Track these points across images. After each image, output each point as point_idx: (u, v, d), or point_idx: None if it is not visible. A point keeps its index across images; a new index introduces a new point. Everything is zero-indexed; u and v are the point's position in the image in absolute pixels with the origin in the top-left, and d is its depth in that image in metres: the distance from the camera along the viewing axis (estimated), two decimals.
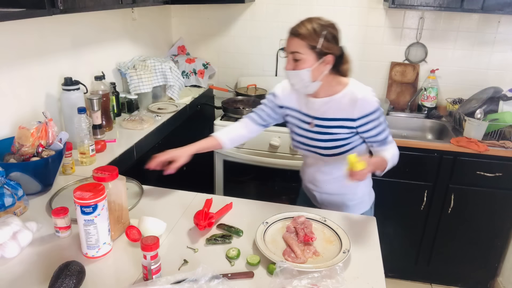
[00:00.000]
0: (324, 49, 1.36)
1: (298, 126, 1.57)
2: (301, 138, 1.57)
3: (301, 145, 1.58)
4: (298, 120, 1.56)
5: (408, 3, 2.34)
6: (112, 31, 2.32)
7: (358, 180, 1.28)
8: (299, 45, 1.36)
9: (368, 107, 1.42)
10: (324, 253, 1.18)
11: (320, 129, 1.50)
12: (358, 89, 1.45)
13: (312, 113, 1.51)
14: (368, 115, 1.42)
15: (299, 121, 1.56)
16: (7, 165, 1.36)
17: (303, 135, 1.55)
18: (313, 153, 1.56)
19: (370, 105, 1.42)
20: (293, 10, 2.77)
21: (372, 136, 1.46)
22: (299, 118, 1.55)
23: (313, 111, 1.51)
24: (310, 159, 1.63)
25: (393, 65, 2.75)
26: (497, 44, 2.57)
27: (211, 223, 1.29)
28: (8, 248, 1.12)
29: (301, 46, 1.36)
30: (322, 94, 1.47)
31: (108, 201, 1.13)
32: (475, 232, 2.36)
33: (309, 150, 1.56)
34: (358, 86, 1.46)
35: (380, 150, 1.49)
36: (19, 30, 1.65)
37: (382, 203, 2.40)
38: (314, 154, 1.56)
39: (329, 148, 1.50)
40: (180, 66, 2.87)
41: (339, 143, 1.49)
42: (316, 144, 1.52)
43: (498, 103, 2.37)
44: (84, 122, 1.63)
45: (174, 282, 1.00)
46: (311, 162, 1.63)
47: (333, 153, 1.50)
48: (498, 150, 2.16)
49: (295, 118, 1.57)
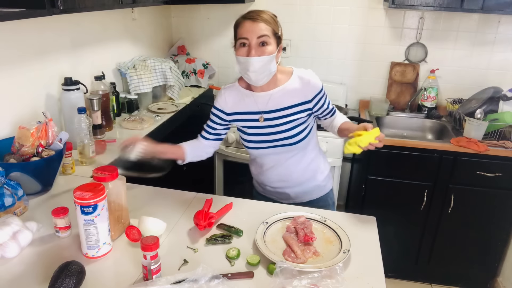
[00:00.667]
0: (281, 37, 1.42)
1: (248, 126, 1.52)
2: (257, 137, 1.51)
3: (259, 143, 1.52)
4: (246, 121, 1.52)
5: (408, 3, 2.34)
6: (112, 31, 2.32)
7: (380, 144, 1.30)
8: (266, 29, 1.36)
9: (318, 85, 1.48)
10: (324, 253, 1.18)
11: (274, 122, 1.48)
12: (303, 73, 1.49)
13: (261, 109, 1.49)
14: (319, 93, 1.48)
15: (247, 121, 1.52)
16: (7, 165, 1.36)
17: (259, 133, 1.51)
18: (278, 148, 1.51)
19: (318, 83, 1.49)
20: (293, 10, 2.77)
21: (325, 110, 1.53)
22: (247, 119, 1.52)
23: (261, 106, 1.49)
24: (273, 158, 1.56)
25: (393, 65, 2.75)
26: (497, 44, 2.57)
27: (211, 223, 1.29)
28: (8, 248, 1.12)
29: (268, 31, 1.37)
30: (271, 85, 1.47)
31: (108, 201, 1.13)
32: (475, 232, 2.36)
33: (272, 146, 1.51)
34: (301, 70, 1.50)
35: (333, 119, 1.57)
36: (19, 30, 1.65)
37: (382, 203, 2.41)
38: (280, 149, 1.51)
39: (295, 135, 1.49)
40: (180, 66, 2.87)
41: (302, 127, 1.50)
42: (278, 137, 1.49)
43: (498, 103, 2.37)
44: (84, 122, 1.63)
45: (174, 282, 1.00)
46: (275, 160, 1.56)
47: (299, 139, 1.50)
48: (498, 150, 2.16)
49: (242, 121, 1.53)
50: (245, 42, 1.38)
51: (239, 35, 1.41)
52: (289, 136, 1.49)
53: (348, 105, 2.89)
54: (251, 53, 1.37)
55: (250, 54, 1.37)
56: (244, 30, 1.38)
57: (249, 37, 1.37)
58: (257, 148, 1.53)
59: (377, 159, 2.31)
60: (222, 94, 1.56)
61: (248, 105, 1.51)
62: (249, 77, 1.41)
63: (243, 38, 1.38)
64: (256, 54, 1.37)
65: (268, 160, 1.58)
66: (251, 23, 1.37)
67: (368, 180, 2.37)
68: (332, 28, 2.76)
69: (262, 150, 1.54)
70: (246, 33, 1.37)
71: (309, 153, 1.58)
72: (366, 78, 2.84)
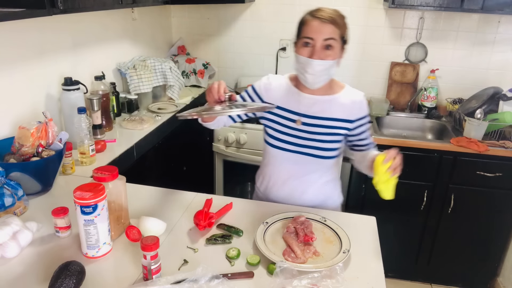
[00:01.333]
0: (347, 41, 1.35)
1: (283, 125, 1.45)
2: (289, 137, 1.44)
3: (288, 145, 1.45)
4: (282, 118, 1.45)
5: (408, 3, 2.34)
6: (112, 31, 2.32)
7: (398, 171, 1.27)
8: (334, 32, 1.29)
9: (364, 110, 1.44)
10: (324, 253, 1.18)
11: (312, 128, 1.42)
12: (355, 92, 1.45)
13: (302, 111, 1.43)
14: (362, 118, 1.44)
15: (283, 119, 1.45)
16: (7, 165, 1.36)
17: (292, 134, 1.44)
18: (305, 156, 1.44)
19: (366, 109, 1.45)
20: (293, 10, 2.77)
21: (362, 139, 1.47)
22: (284, 116, 1.45)
23: (303, 108, 1.43)
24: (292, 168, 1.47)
25: (393, 65, 2.75)
26: (497, 44, 2.57)
27: (211, 223, 1.29)
28: (8, 248, 1.12)
29: (336, 34, 1.30)
30: (321, 91, 1.41)
31: (108, 201, 1.13)
32: (475, 232, 2.36)
33: (301, 152, 1.44)
34: (354, 89, 1.46)
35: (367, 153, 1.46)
36: (19, 30, 1.65)
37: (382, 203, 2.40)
38: (306, 158, 1.44)
39: (328, 149, 1.43)
40: (180, 66, 2.87)
41: (336, 145, 1.44)
42: (310, 144, 1.42)
43: (498, 103, 2.37)
44: (84, 122, 1.63)
45: (174, 282, 1.00)
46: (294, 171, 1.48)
47: (330, 155, 1.44)
48: (498, 150, 2.16)
49: (279, 116, 1.46)
50: (309, 42, 1.31)
51: (303, 33, 1.33)
52: (322, 147, 1.42)
53: None
54: (314, 55, 1.30)
55: (312, 56, 1.30)
56: (310, 30, 1.30)
57: (314, 37, 1.30)
58: (282, 149, 1.45)
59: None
60: (269, 80, 1.48)
61: (290, 102, 1.44)
62: (306, 78, 1.35)
63: (308, 37, 1.31)
64: (319, 57, 1.30)
65: (286, 169, 1.48)
66: (319, 23, 1.29)
67: (368, 180, 2.35)
68: None
69: (286, 153, 1.45)
70: (312, 33, 1.30)
71: (329, 175, 1.51)
72: (366, 78, 2.84)
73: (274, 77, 1.50)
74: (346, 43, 1.37)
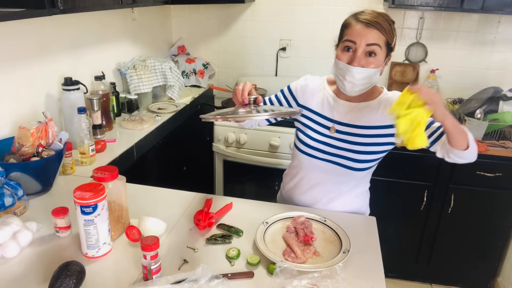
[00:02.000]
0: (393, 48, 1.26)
1: (316, 131, 1.38)
2: (321, 145, 1.36)
3: (319, 153, 1.37)
4: (316, 123, 1.38)
5: (408, 3, 2.34)
6: (112, 31, 2.32)
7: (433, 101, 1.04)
8: (379, 38, 1.20)
9: None
10: (324, 253, 1.18)
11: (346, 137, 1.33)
12: (391, 94, 1.34)
13: (337, 118, 1.35)
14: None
15: (317, 124, 1.38)
16: (7, 165, 1.36)
17: (324, 142, 1.36)
18: (335, 166, 1.36)
19: None
20: (293, 10, 2.77)
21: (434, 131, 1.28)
22: (318, 122, 1.37)
23: (340, 116, 1.34)
24: (320, 176, 1.40)
25: (393, 65, 2.75)
26: (497, 44, 2.57)
27: (211, 223, 1.29)
28: (8, 248, 1.12)
29: (381, 40, 1.20)
30: (359, 98, 1.32)
31: (108, 201, 1.13)
32: (475, 232, 2.36)
33: (331, 161, 1.36)
34: (391, 92, 1.35)
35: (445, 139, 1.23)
36: (19, 30, 1.65)
37: (382, 203, 2.40)
38: (336, 168, 1.36)
39: (362, 161, 1.32)
40: (180, 66, 2.87)
41: (374, 156, 1.33)
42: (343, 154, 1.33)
43: (498, 103, 2.37)
44: (84, 122, 1.63)
45: (174, 282, 1.00)
46: (322, 179, 1.41)
47: (364, 167, 1.34)
48: (498, 150, 2.16)
49: (313, 122, 1.38)
50: (351, 47, 1.22)
51: (345, 36, 1.23)
52: (355, 159, 1.33)
53: None
54: (354, 61, 1.21)
55: (353, 63, 1.21)
56: (352, 33, 1.21)
57: (357, 42, 1.20)
58: (313, 156, 1.38)
59: None
60: (306, 82, 1.40)
61: (324, 107, 1.37)
62: (344, 85, 1.26)
63: (350, 41, 1.21)
64: (360, 64, 1.20)
65: (315, 176, 1.41)
66: (364, 28, 1.20)
67: None
68: (332, 28, 2.76)
69: (316, 161, 1.38)
70: (355, 37, 1.20)
71: (360, 187, 1.44)
72: None
73: (311, 79, 1.42)
74: (392, 50, 1.27)
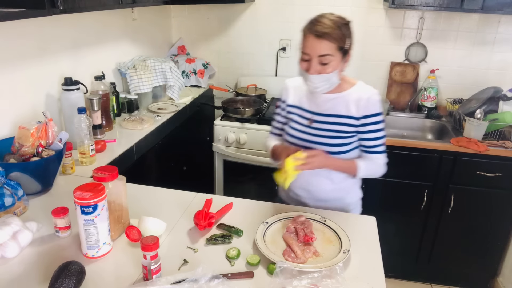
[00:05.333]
0: (349, 48, 1.36)
1: (297, 122, 1.51)
2: (301, 134, 1.49)
3: (300, 141, 1.49)
4: (298, 116, 1.51)
5: (408, 3, 2.34)
6: (112, 31, 2.32)
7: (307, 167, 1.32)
8: (328, 48, 1.30)
9: (372, 108, 1.41)
10: (324, 253, 1.18)
11: (320, 125, 1.45)
12: (365, 89, 1.45)
13: (314, 109, 1.47)
14: (369, 117, 1.41)
15: (299, 117, 1.51)
16: (7, 165, 1.36)
17: (303, 131, 1.48)
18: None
19: (374, 107, 1.41)
20: (293, 10, 2.77)
21: (366, 139, 1.44)
22: (299, 114, 1.50)
23: (315, 107, 1.47)
24: None
25: (393, 65, 2.75)
26: (497, 44, 2.57)
27: (211, 223, 1.29)
28: (8, 248, 1.12)
29: (331, 49, 1.30)
30: (332, 90, 1.43)
31: (108, 201, 1.13)
32: (475, 232, 2.36)
33: (310, 147, 1.46)
34: (366, 86, 1.46)
35: (365, 156, 1.47)
36: (19, 30, 1.65)
37: (382, 203, 2.41)
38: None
39: (334, 145, 1.44)
40: (180, 66, 2.87)
41: (344, 140, 1.44)
42: (318, 141, 1.45)
43: (498, 103, 2.37)
44: (84, 122, 1.63)
45: (174, 282, 1.00)
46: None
47: (337, 150, 1.45)
48: (498, 150, 2.16)
49: (295, 115, 1.52)
50: (306, 58, 1.34)
51: (301, 46, 1.36)
52: (330, 143, 1.44)
53: None
54: (310, 70, 1.33)
55: (309, 71, 1.33)
56: (307, 45, 1.32)
57: (311, 53, 1.32)
58: (296, 145, 1.49)
59: None
60: (286, 85, 1.56)
61: (305, 102, 1.50)
62: (309, 87, 1.41)
63: (304, 53, 1.34)
64: (316, 71, 1.33)
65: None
66: (314, 39, 1.30)
67: (368, 180, 2.36)
68: None
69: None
70: (308, 49, 1.32)
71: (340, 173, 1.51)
72: (366, 78, 2.78)
73: (291, 80, 1.56)
74: (347, 53, 1.37)
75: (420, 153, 2.27)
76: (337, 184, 1.51)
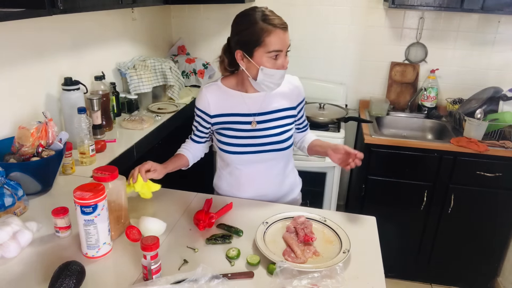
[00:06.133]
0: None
1: (237, 129, 1.41)
2: (245, 140, 1.41)
3: (245, 147, 1.42)
4: (235, 123, 1.42)
5: (408, 3, 2.34)
6: (112, 31, 2.32)
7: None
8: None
9: (303, 94, 1.49)
10: (324, 253, 1.18)
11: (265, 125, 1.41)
12: (292, 78, 1.47)
13: (255, 110, 1.41)
14: (302, 102, 1.49)
15: (236, 124, 1.42)
16: (7, 165, 1.36)
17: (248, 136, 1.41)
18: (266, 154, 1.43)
19: (303, 92, 1.49)
20: (293, 10, 2.77)
21: (302, 122, 1.54)
22: (237, 121, 1.41)
23: (256, 107, 1.41)
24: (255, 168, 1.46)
25: (393, 65, 2.75)
26: (497, 44, 2.57)
27: (211, 223, 1.29)
28: (8, 248, 1.12)
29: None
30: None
31: (108, 201, 1.13)
32: (475, 232, 2.36)
33: (261, 151, 1.42)
34: (290, 75, 1.46)
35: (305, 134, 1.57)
36: (19, 30, 1.65)
37: (382, 203, 2.41)
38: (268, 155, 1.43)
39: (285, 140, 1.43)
40: (180, 66, 2.87)
41: (290, 133, 1.46)
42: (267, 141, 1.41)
43: (498, 103, 2.37)
44: (84, 122, 1.63)
45: (174, 282, 1.00)
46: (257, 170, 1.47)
47: (289, 144, 1.45)
48: (498, 150, 2.16)
49: (230, 123, 1.42)
50: (278, 54, 1.27)
51: (271, 45, 1.25)
52: (279, 140, 1.43)
53: (348, 105, 2.89)
54: (284, 65, 1.30)
55: (284, 67, 1.30)
56: (278, 41, 1.25)
57: (283, 49, 1.27)
58: (242, 153, 1.43)
59: (377, 159, 2.31)
60: (203, 94, 1.43)
61: (236, 106, 1.41)
62: (270, 89, 1.35)
63: (277, 50, 1.26)
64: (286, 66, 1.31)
65: (249, 171, 1.46)
66: (283, 33, 1.25)
67: (368, 180, 2.37)
68: (332, 28, 2.76)
69: (247, 156, 1.43)
70: (279, 45, 1.25)
71: (290, 163, 1.56)
72: (366, 78, 2.84)
73: (207, 88, 1.44)
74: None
75: (420, 153, 2.27)
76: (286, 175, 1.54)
